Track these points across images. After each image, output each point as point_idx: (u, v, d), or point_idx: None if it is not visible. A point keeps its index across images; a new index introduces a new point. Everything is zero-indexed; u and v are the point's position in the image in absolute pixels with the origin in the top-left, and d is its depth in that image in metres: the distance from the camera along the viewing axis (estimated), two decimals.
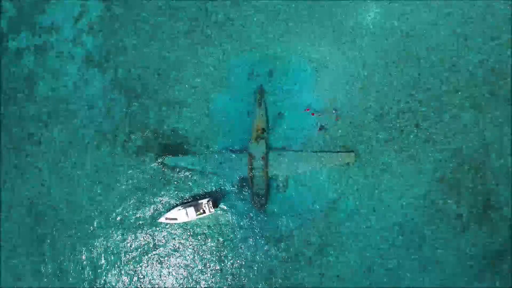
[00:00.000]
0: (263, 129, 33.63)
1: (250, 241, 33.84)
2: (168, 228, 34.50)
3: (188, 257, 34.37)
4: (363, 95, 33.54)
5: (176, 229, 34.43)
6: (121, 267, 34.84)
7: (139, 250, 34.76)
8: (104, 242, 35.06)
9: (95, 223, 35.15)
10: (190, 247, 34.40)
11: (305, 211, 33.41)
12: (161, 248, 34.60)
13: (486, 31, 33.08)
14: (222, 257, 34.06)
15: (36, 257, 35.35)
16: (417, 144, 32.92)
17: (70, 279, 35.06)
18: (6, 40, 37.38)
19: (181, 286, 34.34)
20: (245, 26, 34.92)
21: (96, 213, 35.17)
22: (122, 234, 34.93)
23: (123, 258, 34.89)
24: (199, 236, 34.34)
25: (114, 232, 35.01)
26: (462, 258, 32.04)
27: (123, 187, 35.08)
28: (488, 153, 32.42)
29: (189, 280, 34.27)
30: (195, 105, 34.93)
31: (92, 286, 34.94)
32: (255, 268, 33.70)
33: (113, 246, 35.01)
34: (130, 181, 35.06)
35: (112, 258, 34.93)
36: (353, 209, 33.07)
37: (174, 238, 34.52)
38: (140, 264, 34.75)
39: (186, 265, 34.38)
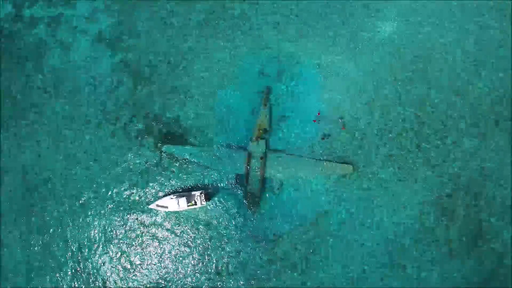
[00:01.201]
0: (265, 129, 33.62)
1: (238, 238, 33.79)
2: (157, 215, 34.47)
3: (173, 247, 34.31)
4: (369, 108, 33.56)
5: (165, 217, 34.40)
6: (105, 247, 34.79)
7: (126, 233, 34.70)
8: (92, 221, 35.03)
9: (87, 200, 35.12)
10: (176, 237, 34.35)
11: (296, 217, 33.35)
12: (148, 234, 34.55)
13: (498, 61, 33.11)
14: (207, 250, 34.01)
15: (24, 227, 35.32)
16: (416, 164, 32.90)
17: (55, 252, 35.00)
18: (21, 8, 37.36)
19: (162, 274, 34.28)
20: (260, 24, 34.95)
21: (89, 190, 35.13)
22: (112, 215, 34.88)
23: (108, 238, 34.85)
24: (187, 227, 34.30)
25: (103, 211, 34.98)
26: (445, 283, 31.99)
27: (119, 168, 35.05)
28: (486, 183, 32.40)
29: (170, 269, 34.21)
30: (201, 97, 34.94)
31: (75, 262, 34.94)
32: (239, 265, 33.64)
33: (100, 226, 34.97)
34: (126, 164, 35.03)
35: (98, 237, 34.89)
36: (343, 221, 33.02)
37: (162, 226, 34.48)
38: (125, 247, 34.70)
39: (170, 254, 34.32)
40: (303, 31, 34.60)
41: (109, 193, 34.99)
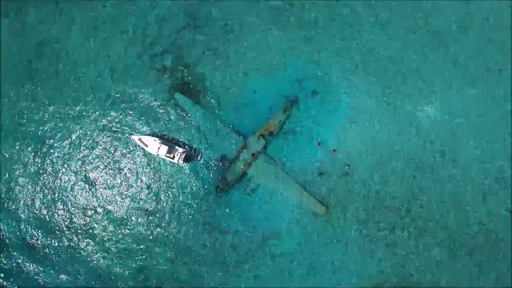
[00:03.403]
0: (271, 132, 33.48)
1: (190, 211, 33.79)
2: (134, 147, 34.52)
3: (129, 183, 34.42)
4: (371, 170, 33.23)
5: (139, 153, 34.49)
6: (72, 148, 34.97)
7: (96, 147, 34.97)
8: (76, 119, 35.17)
9: (83, 99, 35.29)
10: (137, 176, 34.39)
11: (252, 223, 33.28)
12: (115, 161, 34.69)
13: (508, 201, 32.71)
14: (157, 206, 34.08)
15: (14, 90, 35.55)
16: (381, 243, 32.69)
17: (29, 125, 35.21)
18: None
19: (104, 199, 34.41)
20: (324, 41, 34.64)
21: (90, 90, 35.24)
22: (96, 126, 35.07)
23: (79, 142, 35.06)
24: (151, 173, 34.33)
25: (92, 117, 35.13)
26: None
27: (127, 88, 35.10)
28: None
29: (114, 201, 34.35)
30: (235, 71, 34.74)
31: (41, 146, 35.15)
32: (178, 236, 33.73)
33: (80, 128, 35.16)
34: (136, 89, 35.03)
35: (74, 136, 35.03)
36: (289, 252, 32.90)
37: (131, 159, 34.61)
38: (89, 160, 34.87)
39: (123, 187, 34.47)
40: (358, 72, 34.15)
41: (106, 104, 35.04)
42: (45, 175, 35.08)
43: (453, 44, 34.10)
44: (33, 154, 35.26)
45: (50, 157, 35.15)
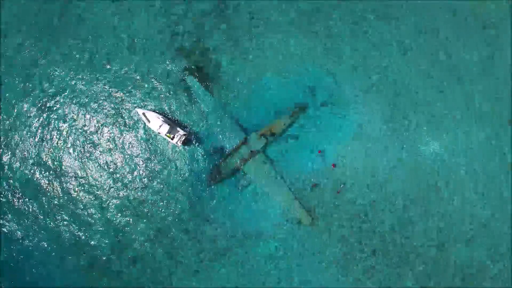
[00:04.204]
0: (274, 133, 33.41)
1: (178, 195, 33.76)
2: (137, 119, 34.50)
3: (125, 153, 34.51)
4: (365, 192, 33.19)
5: (140, 127, 34.51)
6: (77, 109, 35.11)
7: (102, 110, 35.05)
8: (89, 78, 35.34)
9: (98, 60, 35.39)
10: (134, 148, 34.42)
11: (237, 218, 33.24)
12: (116, 126, 34.82)
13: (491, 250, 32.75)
14: (146, 182, 34.10)
15: (29, 41, 35.84)
16: (359, 264, 32.68)
17: (39, 78, 35.30)
18: None
19: (95, 164, 34.47)
20: (343, 54, 34.59)
21: (105, 55, 35.31)
22: (105, 88, 35.16)
23: (87, 102, 35.25)
24: (148, 150, 34.30)
25: (102, 78, 35.24)
26: None
27: (142, 60, 35.08)
28: None
29: (106, 165, 34.45)
30: (251, 66, 34.63)
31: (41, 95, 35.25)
32: (160, 215, 33.74)
33: (90, 86, 35.22)
34: (150, 63, 34.98)
35: (80, 95, 35.21)
36: (268, 254, 32.88)
37: (131, 130, 34.69)
38: (91, 118, 34.91)
39: (117, 155, 34.57)
40: (371, 92, 34.04)
41: (119, 71, 35.04)
42: (46, 128, 35.09)
43: (470, 85, 34.12)
44: (37, 106, 35.26)
45: (54, 112, 35.17)
